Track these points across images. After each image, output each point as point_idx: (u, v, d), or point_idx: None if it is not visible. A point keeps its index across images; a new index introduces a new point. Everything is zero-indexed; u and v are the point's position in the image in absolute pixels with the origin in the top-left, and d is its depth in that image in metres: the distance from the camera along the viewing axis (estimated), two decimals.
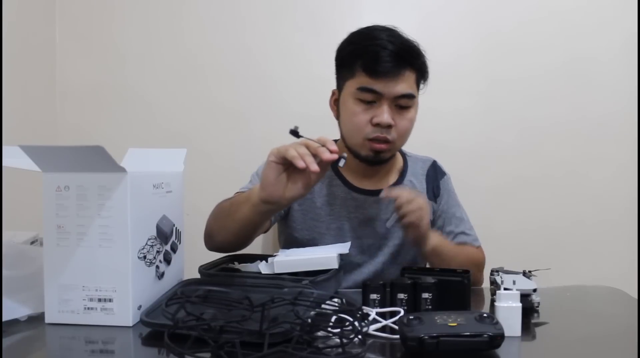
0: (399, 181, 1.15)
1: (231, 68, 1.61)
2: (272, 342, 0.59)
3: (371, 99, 1.01)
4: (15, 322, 0.75)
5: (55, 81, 1.64)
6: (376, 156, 1.05)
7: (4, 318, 0.74)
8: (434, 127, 1.57)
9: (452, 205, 1.18)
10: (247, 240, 1.01)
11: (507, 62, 1.57)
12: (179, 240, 0.91)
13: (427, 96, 1.60)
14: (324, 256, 0.90)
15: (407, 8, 1.59)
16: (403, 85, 1.01)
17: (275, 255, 0.95)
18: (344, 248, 1.00)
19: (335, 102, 1.11)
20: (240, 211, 0.93)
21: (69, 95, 1.64)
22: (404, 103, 1.02)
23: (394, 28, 1.03)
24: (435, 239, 1.03)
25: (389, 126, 1.01)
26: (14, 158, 0.74)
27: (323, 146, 0.80)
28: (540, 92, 1.57)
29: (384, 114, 1.00)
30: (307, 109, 1.48)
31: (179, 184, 0.90)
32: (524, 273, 0.88)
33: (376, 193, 1.11)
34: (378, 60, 0.99)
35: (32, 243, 0.97)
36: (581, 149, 1.58)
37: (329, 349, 0.63)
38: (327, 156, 0.78)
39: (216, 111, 1.63)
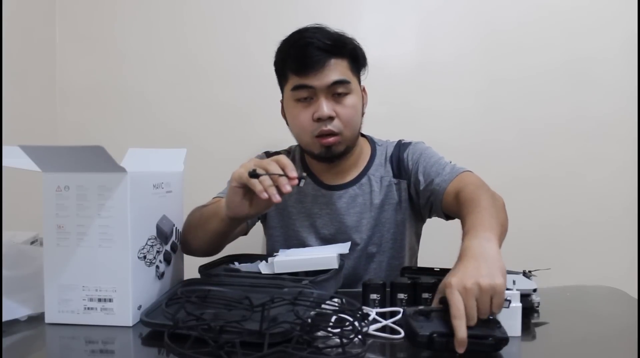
0: (362, 175, 1.14)
1: (232, 68, 1.62)
2: (272, 342, 0.59)
3: (306, 95, 1.03)
4: (15, 322, 0.75)
5: (55, 81, 1.64)
6: (328, 151, 1.05)
7: (4, 318, 0.74)
8: (433, 127, 1.57)
9: (427, 164, 1.10)
10: (220, 247, 1.02)
11: (507, 62, 1.57)
12: (179, 240, 0.91)
13: (427, 96, 1.61)
14: (324, 256, 0.90)
15: (407, 8, 1.59)
16: (333, 73, 1.02)
17: (275, 255, 0.95)
18: (344, 248, 1.00)
19: (284, 112, 1.14)
20: (210, 224, 0.94)
21: (69, 95, 1.64)
22: (340, 90, 1.03)
23: (318, 25, 1.05)
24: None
25: (330, 118, 1.03)
26: (14, 158, 0.74)
27: (283, 173, 0.79)
28: (540, 92, 1.57)
29: (322, 107, 1.02)
30: None
31: (179, 184, 0.90)
32: (524, 273, 0.88)
33: (343, 186, 1.14)
34: (303, 57, 1.01)
35: (32, 243, 0.97)
36: (581, 149, 1.58)
37: (329, 349, 0.63)
38: (286, 189, 0.79)
39: (216, 110, 1.63)
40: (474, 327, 0.63)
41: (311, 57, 1.00)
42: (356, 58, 1.08)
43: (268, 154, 1.21)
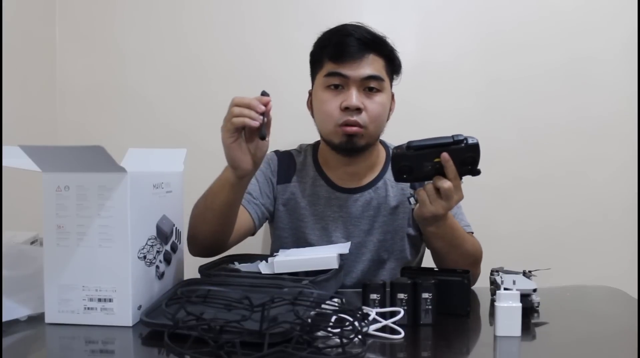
0: (378, 178, 1.14)
1: (232, 67, 1.61)
2: (272, 342, 0.59)
3: (338, 82, 1.04)
4: (15, 322, 0.75)
5: (55, 81, 1.64)
6: (349, 141, 1.04)
7: (4, 318, 0.74)
8: (433, 127, 1.56)
9: None
10: (228, 229, 1.01)
11: (507, 62, 1.57)
12: (179, 240, 0.91)
13: (427, 96, 1.61)
14: (324, 256, 0.90)
15: (407, 8, 1.59)
16: (369, 68, 1.03)
17: (275, 255, 0.95)
18: (344, 248, 1.00)
19: (311, 103, 1.13)
20: (219, 198, 0.95)
21: (69, 94, 1.64)
22: (372, 85, 1.04)
23: (360, 23, 1.07)
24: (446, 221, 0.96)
25: (358, 109, 1.02)
26: (14, 158, 0.74)
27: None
28: (540, 92, 1.57)
29: (352, 97, 1.02)
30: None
31: (179, 184, 0.90)
32: (524, 273, 0.88)
33: (359, 190, 1.12)
34: (342, 46, 1.03)
35: (32, 243, 0.97)
36: (581, 149, 1.58)
37: (329, 349, 0.63)
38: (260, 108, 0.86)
39: (217, 110, 1.60)
40: None
41: (351, 46, 1.02)
42: (392, 61, 1.09)
43: (277, 153, 1.20)
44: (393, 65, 1.09)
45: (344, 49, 1.02)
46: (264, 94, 0.88)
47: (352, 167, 1.12)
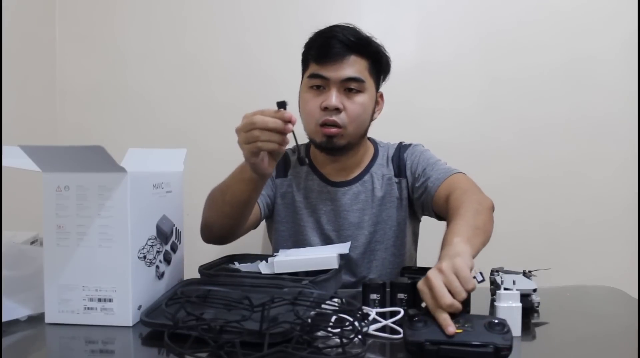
0: (364, 172, 1.17)
1: (232, 68, 1.62)
2: (272, 342, 0.59)
3: (320, 84, 1.06)
4: (15, 322, 0.75)
5: (55, 81, 1.64)
6: (329, 141, 1.07)
7: (4, 318, 0.74)
8: (433, 127, 1.57)
9: (425, 163, 1.13)
10: (242, 220, 1.03)
11: (507, 62, 1.57)
12: (179, 240, 0.91)
13: (427, 96, 1.61)
14: (324, 256, 0.90)
15: (407, 8, 1.59)
16: (349, 69, 1.05)
17: (275, 255, 0.95)
18: (344, 248, 1.00)
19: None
20: (238, 195, 0.97)
21: (69, 94, 1.64)
22: (352, 86, 1.06)
23: (349, 24, 1.08)
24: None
25: (337, 109, 1.05)
26: (14, 158, 0.74)
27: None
28: (540, 92, 1.57)
29: (331, 97, 1.04)
30: None
31: (179, 184, 0.90)
32: (524, 273, 0.88)
33: (347, 183, 1.16)
34: (325, 48, 1.05)
35: (32, 243, 0.97)
36: (581, 149, 1.57)
37: (329, 349, 0.63)
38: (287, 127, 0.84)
39: (217, 110, 1.63)
40: (475, 332, 0.60)
41: (332, 49, 1.04)
42: (378, 61, 1.10)
43: None
44: (379, 65, 1.11)
45: (326, 51, 1.04)
46: (281, 105, 0.83)
47: (338, 164, 1.16)
